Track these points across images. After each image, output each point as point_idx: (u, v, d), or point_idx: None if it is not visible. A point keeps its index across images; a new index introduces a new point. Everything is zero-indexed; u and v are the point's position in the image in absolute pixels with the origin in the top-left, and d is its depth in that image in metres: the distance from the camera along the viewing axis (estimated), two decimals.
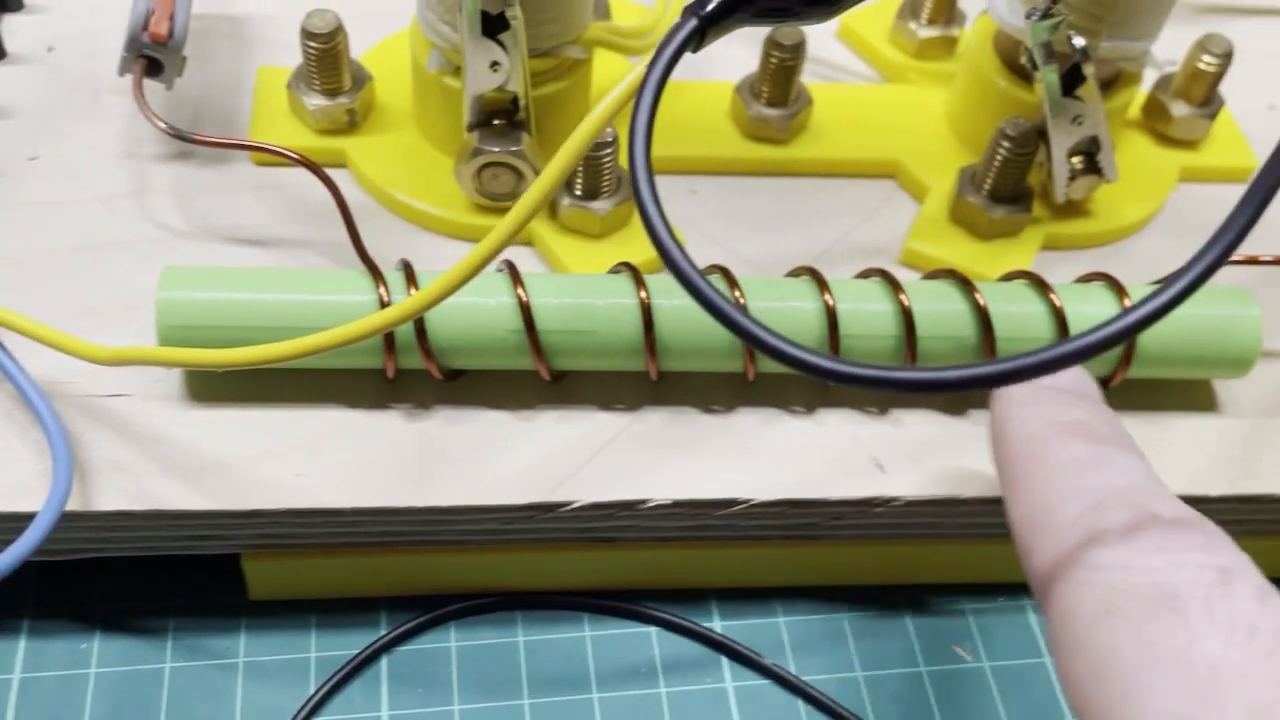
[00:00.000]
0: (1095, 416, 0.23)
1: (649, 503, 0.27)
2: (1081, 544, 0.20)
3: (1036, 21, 0.29)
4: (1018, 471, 0.22)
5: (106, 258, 0.30)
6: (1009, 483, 0.22)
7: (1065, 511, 0.20)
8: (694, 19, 0.22)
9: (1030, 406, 0.23)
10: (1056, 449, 0.22)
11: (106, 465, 0.26)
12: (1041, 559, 0.20)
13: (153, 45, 0.30)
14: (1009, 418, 0.23)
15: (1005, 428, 0.23)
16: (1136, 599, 0.18)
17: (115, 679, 0.28)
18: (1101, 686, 0.18)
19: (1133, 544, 0.19)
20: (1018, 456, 0.22)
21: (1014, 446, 0.22)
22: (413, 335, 0.27)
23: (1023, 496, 0.22)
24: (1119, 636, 0.18)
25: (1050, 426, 0.22)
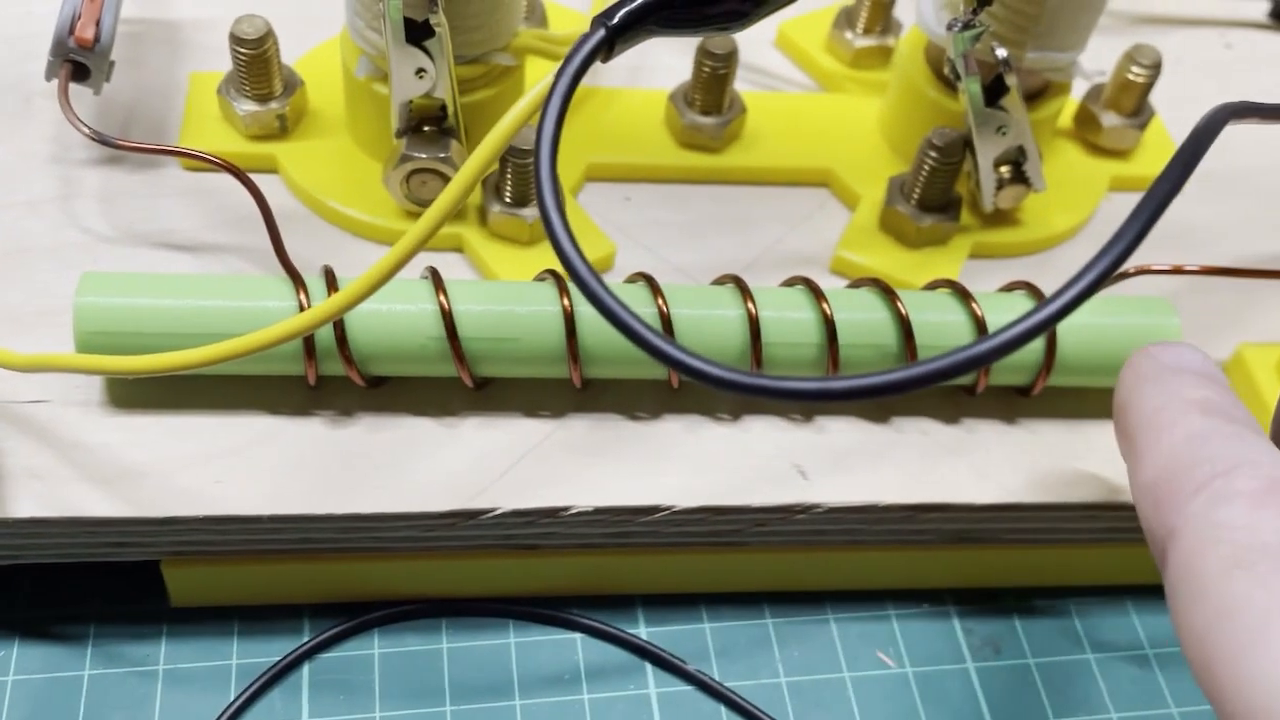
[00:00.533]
0: (1223, 397, 0.23)
1: (572, 510, 0.27)
2: (1210, 504, 0.20)
3: (958, 32, 0.29)
4: (1146, 439, 0.23)
5: (30, 263, 0.30)
6: (1136, 449, 0.23)
7: (1194, 475, 0.21)
8: (602, 29, 0.22)
9: (1160, 383, 0.24)
10: (1186, 420, 0.22)
11: (22, 472, 0.26)
12: (1166, 518, 0.21)
13: (79, 50, 0.30)
14: (1137, 390, 0.24)
15: (1133, 399, 0.24)
16: (1265, 554, 0.19)
17: (33, 686, 0.27)
18: (1224, 635, 0.19)
19: (1262, 507, 0.20)
20: (1146, 426, 0.23)
21: (1142, 417, 0.23)
22: (334, 341, 0.27)
23: (1149, 460, 0.22)
24: (1245, 587, 0.19)
25: (1180, 401, 0.23)
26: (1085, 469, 0.29)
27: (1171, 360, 0.24)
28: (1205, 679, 0.19)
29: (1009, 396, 0.30)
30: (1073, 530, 0.30)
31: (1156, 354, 0.24)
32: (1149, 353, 0.24)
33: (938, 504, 0.28)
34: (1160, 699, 0.30)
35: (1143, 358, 0.24)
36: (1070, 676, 0.30)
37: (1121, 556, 0.31)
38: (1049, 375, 0.29)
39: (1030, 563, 0.31)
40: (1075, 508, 0.29)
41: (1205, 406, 0.23)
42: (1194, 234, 0.35)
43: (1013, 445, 0.30)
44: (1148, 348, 0.24)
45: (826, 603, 0.31)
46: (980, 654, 0.30)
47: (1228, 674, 0.18)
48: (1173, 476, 0.21)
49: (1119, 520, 0.30)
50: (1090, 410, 0.30)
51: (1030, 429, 0.30)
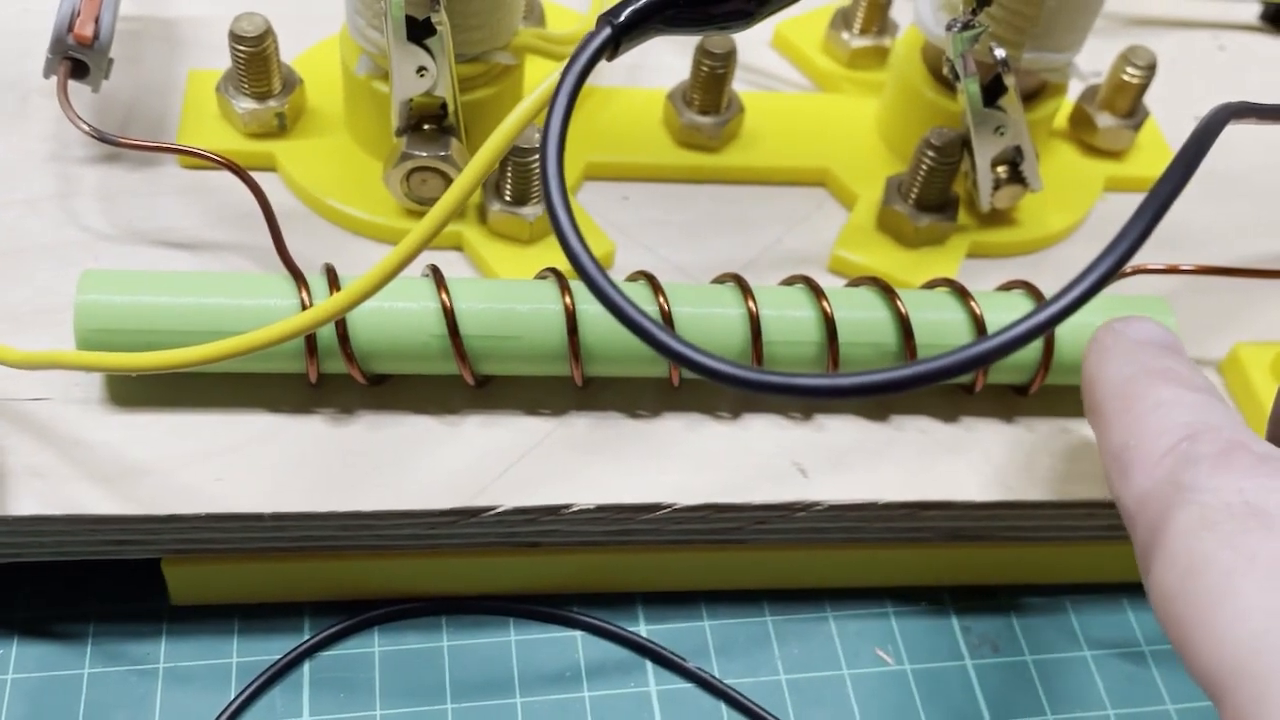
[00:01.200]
0: (1185, 368, 0.24)
1: (573, 507, 0.27)
2: (1176, 469, 0.21)
3: (957, 33, 0.29)
4: (1113, 409, 0.24)
5: (30, 261, 0.30)
6: (1103, 419, 0.24)
7: (1160, 442, 0.22)
8: (608, 27, 0.22)
9: (1124, 355, 0.24)
10: (1151, 390, 0.23)
11: (23, 470, 0.26)
12: (1135, 484, 0.22)
13: (77, 47, 0.30)
14: (1104, 364, 0.25)
15: (1100, 372, 0.24)
16: (1230, 515, 0.20)
17: (33, 685, 0.27)
18: (1192, 592, 0.19)
19: (1226, 470, 0.20)
20: (1113, 396, 0.24)
21: (1109, 388, 0.24)
22: (336, 340, 0.27)
23: (1117, 429, 0.23)
24: (1211, 546, 0.19)
25: (1145, 371, 0.24)
26: (1082, 467, 0.30)
27: (1135, 334, 0.25)
28: (1176, 636, 0.20)
29: (1006, 395, 0.30)
30: (1069, 528, 0.30)
31: (1121, 329, 0.25)
32: (1113, 328, 0.25)
33: (937, 502, 0.28)
34: (1156, 695, 0.30)
35: (1107, 333, 0.25)
36: (1067, 673, 0.30)
37: (1117, 554, 0.31)
38: (1046, 374, 0.29)
39: (1027, 560, 0.31)
40: (1072, 505, 0.29)
41: (1169, 376, 0.23)
42: (1189, 234, 0.35)
43: (1011, 443, 0.30)
44: (1111, 323, 0.25)
45: (825, 600, 0.31)
46: (978, 651, 0.31)
47: (1197, 631, 0.19)
48: (1140, 443, 0.22)
49: (1115, 518, 0.29)
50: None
51: (1028, 427, 0.30)
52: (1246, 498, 0.20)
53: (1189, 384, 0.23)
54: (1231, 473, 0.20)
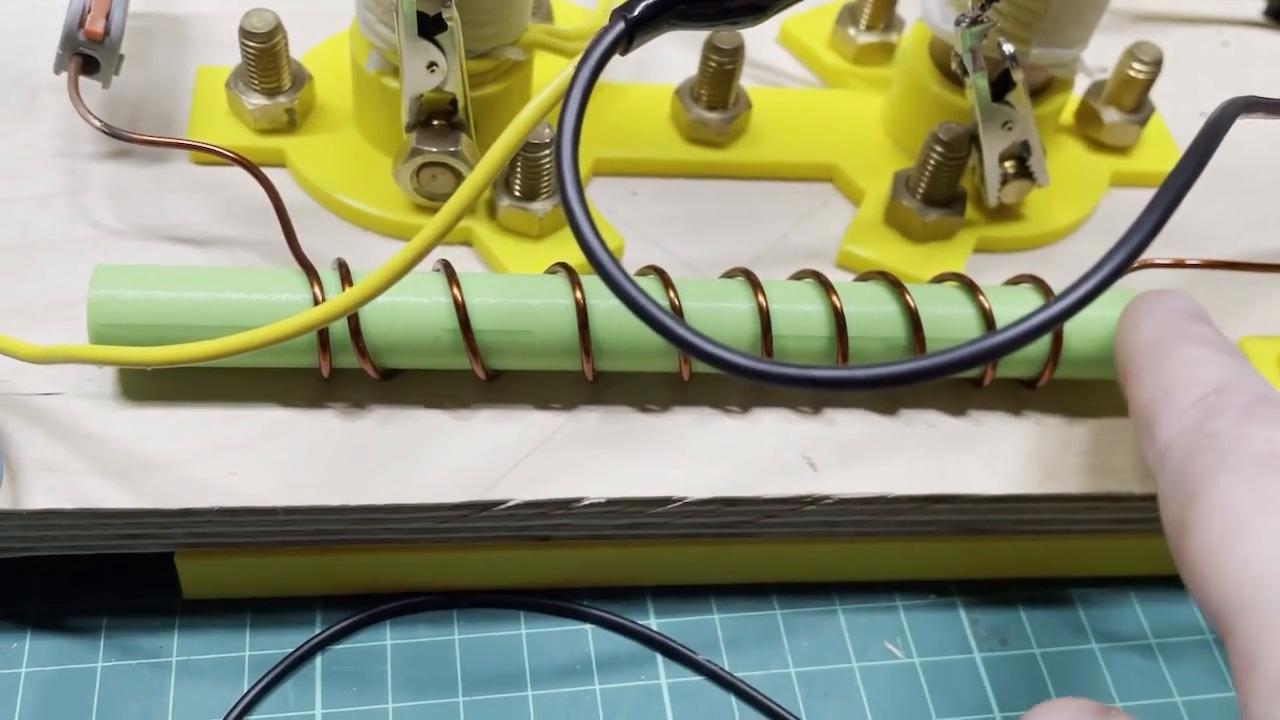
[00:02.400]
0: (1215, 333, 0.25)
1: (584, 501, 0.28)
2: (1202, 418, 0.22)
3: (966, 28, 0.29)
4: (1144, 364, 0.25)
5: (41, 257, 0.30)
6: (1134, 374, 0.25)
7: (1189, 394, 0.23)
8: (621, 21, 0.22)
9: (1157, 319, 0.26)
10: (1182, 349, 0.24)
11: (37, 464, 0.26)
12: (1163, 432, 0.23)
13: (88, 43, 0.30)
14: (1136, 326, 0.26)
15: (1133, 334, 0.26)
16: (1252, 461, 0.21)
17: (46, 678, 0.28)
18: (1209, 529, 0.20)
19: (1252, 421, 0.21)
20: (1145, 353, 0.25)
21: (1141, 348, 0.25)
22: (348, 334, 0.27)
23: (1149, 383, 0.24)
24: (1233, 489, 0.20)
25: (1176, 334, 0.25)
26: (1091, 460, 0.30)
27: (1170, 303, 0.26)
28: (1191, 573, 0.20)
29: (1015, 389, 0.31)
30: (1078, 521, 0.30)
31: (1154, 298, 0.26)
32: (1147, 297, 0.27)
33: (946, 495, 0.29)
34: (1164, 688, 0.30)
35: (1141, 300, 0.27)
36: (1075, 666, 0.31)
37: (1125, 547, 0.32)
38: (1055, 368, 0.29)
39: (1035, 554, 0.32)
40: (1081, 499, 0.29)
41: (1200, 339, 0.25)
42: (1196, 229, 0.35)
43: (1019, 437, 0.30)
44: (1145, 294, 0.27)
45: (834, 594, 0.31)
46: (986, 644, 0.31)
47: (1212, 565, 0.20)
48: (1169, 394, 0.23)
49: (1123, 511, 0.30)
50: (1095, 402, 0.31)
51: (1037, 421, 0.30)
52: (1273, 447, 0.21)
53: (1219, 346, 0.24)
54: (1257, 423, 0.21)
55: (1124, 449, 0.30)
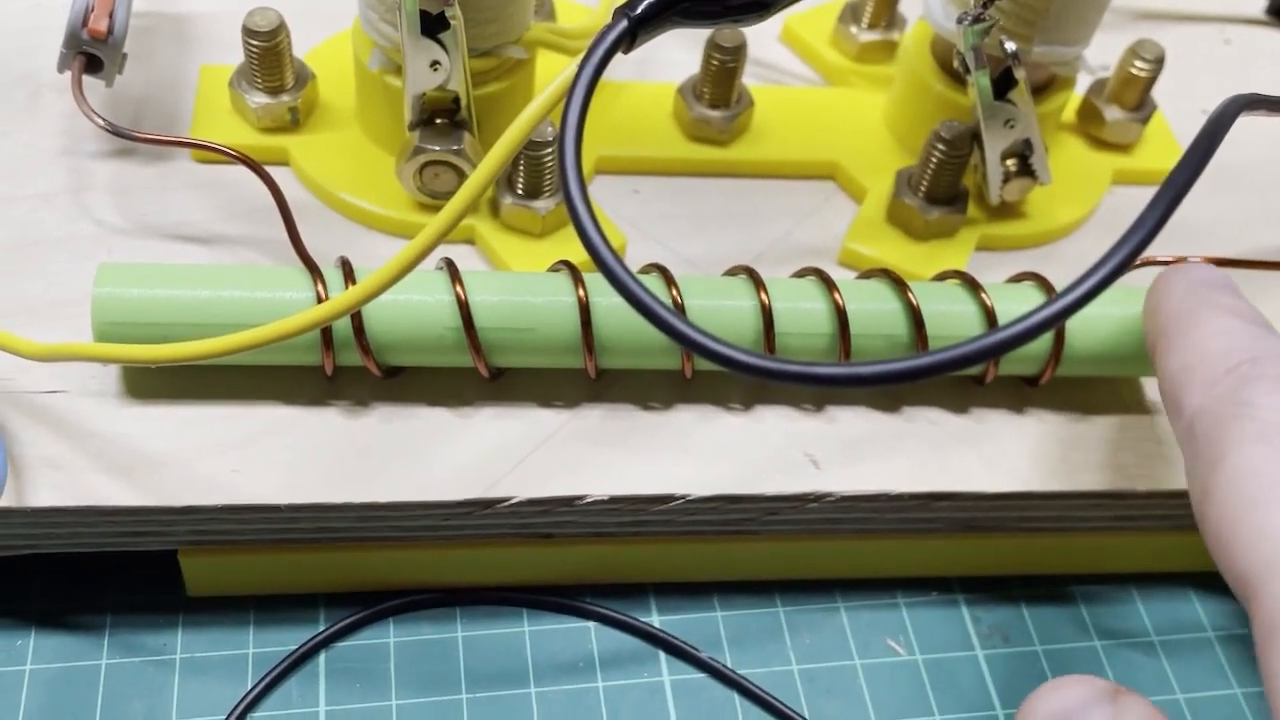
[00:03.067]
0: (1247, 306, 0.25)
1: (586, 499, 0.28)
2: (1237, 385, 0.22)
3: (968, 26, 0.29)
4: (1175, 331, 0.24)
5: (44, 255, 0.30)
6: (1165, 342, 0.25)
7: (1221, 362, 0.23)
8: (624, 20, 0.22)
9: (1188, 288, 0.25)
10: (1213, 318, 0.24)
11: (41, 461, 0.26)
12: (1194, 399, 0.23)
13: (92, 42, 0.30)
14: (1168, 294, 0.26)
15: (1164, 302, 0.26)
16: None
17: (51, 675, 0.28)
18: (1238, 494, 0.20)
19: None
20: (1175, 322, 0.25)
21: (1172, 315, 0.25)
22: (351, 332, 0.27)
23: (1179, 350, 0.24)
24: (1264, 456, 0.20)
25: (1207, 303, 0.25)
26: (1093, 457, 0.30)
27: (1200, 274, 0.26)
28: (1216, 540, 0.20)
29: (1017, 387, 0.31)
30: (1080, 519, 0.30)
31: (1186, 269, 0.26)
32: (1178, 268, 0.26)
33: (949, 493, 0.29)
34: (1166, 685, 0.30)
35: (1172, 271, 0.26)
36: (1077, 663, 0.31)
37: (1128, 545, 0.32)
38: (1057, 365, 0.29)
39: (1038, 551, 0.32)
40: (1083, 496, 0.29)
41: (1232, 309, 0.25)
42: (1197, 227, 0.35)
43: (1022, 434, 0.30)
44: (1175, 265, 0.27)
45: (836, 591, 0.31)
46: (989, 641, 0.31)
47: (1239, 531, 0.20)
48: (1201, 362, 0.23)
49: (1126, 508, 0.30)
50: (1097, 399, 0.31)
51: (1039, 418, 0.30)
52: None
53: (1250, 318, 0.24)
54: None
55: (1127, 446, 0.30)
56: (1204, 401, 0.22)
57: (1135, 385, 0.31)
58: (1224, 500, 0.20)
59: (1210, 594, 0.32)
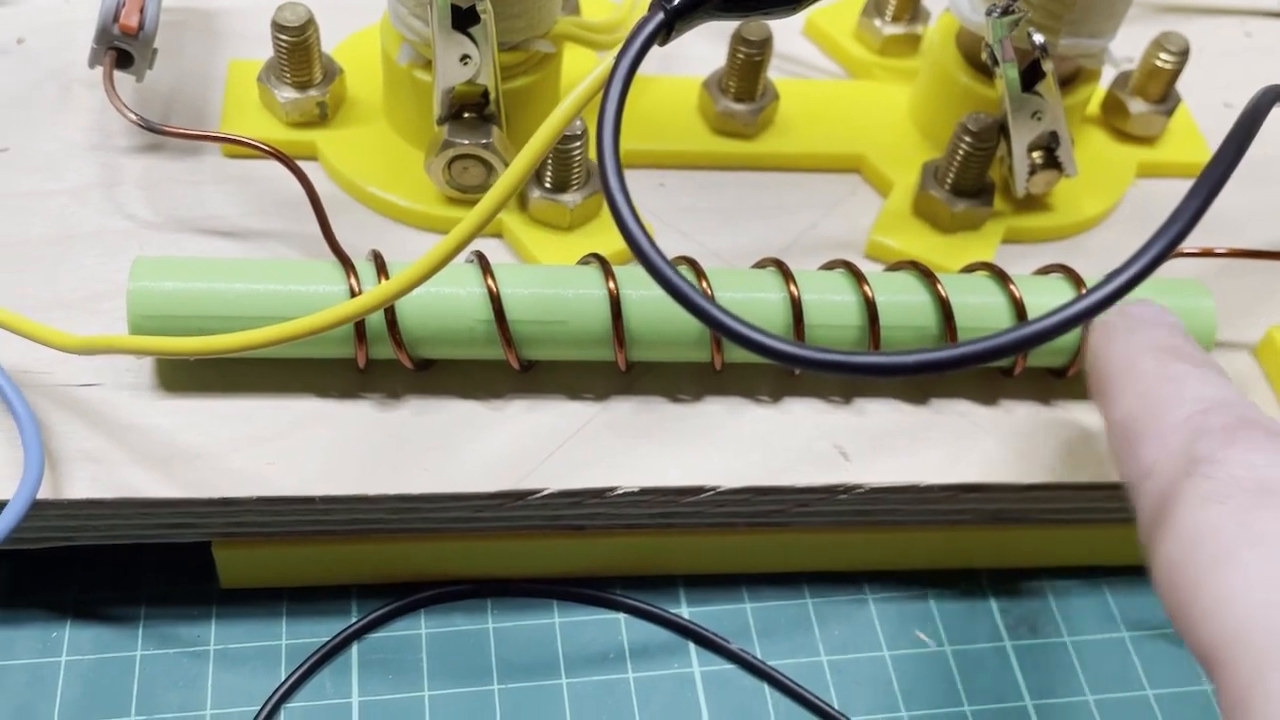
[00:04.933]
0: (1190, 346, 0.24)
1: (617, 490, 0.28)
2: (1187, 442, 0.21)
3: (996, 18, 0.29)
4: (1120, 382, 0.23)
5: (77, 249, 0.30)
6: (1109, 392, 0.24)
7: (1172, 415, 0.22)
8: (661, 12, 0.22)
9: (1130, 332, 0.24)
10: (1158, 365, 0.23)
11: (77, 454, 0.27)
12: (1146, 454, 0.22)
13: (123, 37, 0.30)
14: (1110, 340, 0.25)
15: (1109, 348, 0.25)
16: (1240, 489, 0.20)
17: (86, 667, 0.28)
18: (1193, 559, 0.19)
19: (1236, 445, 0.20)
20: (1121, 370, 0.24)
21: (1116, 363, 0.24)
22: (384, 325, 0.27)
23: (1124, 402, 0.23)
24: (1220, 518, 0.19)
25: (1154, 348, 0.24)
26: None
27: (1139, 314, 0.25)
28: (1175, 606, 0.20)
29: (1044, 379, 0.31)
30: (1107, 510, 0.30)
31: (1125, 310, 0.25)
32: (1119, 308, 0.25)
33: (977, 484, 0.29)
34: (1195, 675, 0.30)
35: (1113, 313, 0.25)
36: (1105, 654, 0.31)
37: None
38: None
39: (1065, 542, 0.32)
40: (1110, 487, 0.29)
41: (1178, 353, 0.24)
42: (1223, 218, 0.35)
43: (1049, 426, 0.30)
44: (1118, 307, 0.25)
45: (865, 583, 0.31)
46: (1016, 633, 0.31)
47: (1199, 598, 0.19)
48: (1148, 413, 0.22)
49: None
50: None
51: (1066, 410, 0.30)
52: (1258, 474, 0.20)
53: (1198, 361, 0.24)
54: (1242, 448, 0.20)
55: None
56: (1156, 455, 0.21)
57: None
58: (1180, 563, 0.20)
59: None
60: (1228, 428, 0.21)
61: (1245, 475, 0.20)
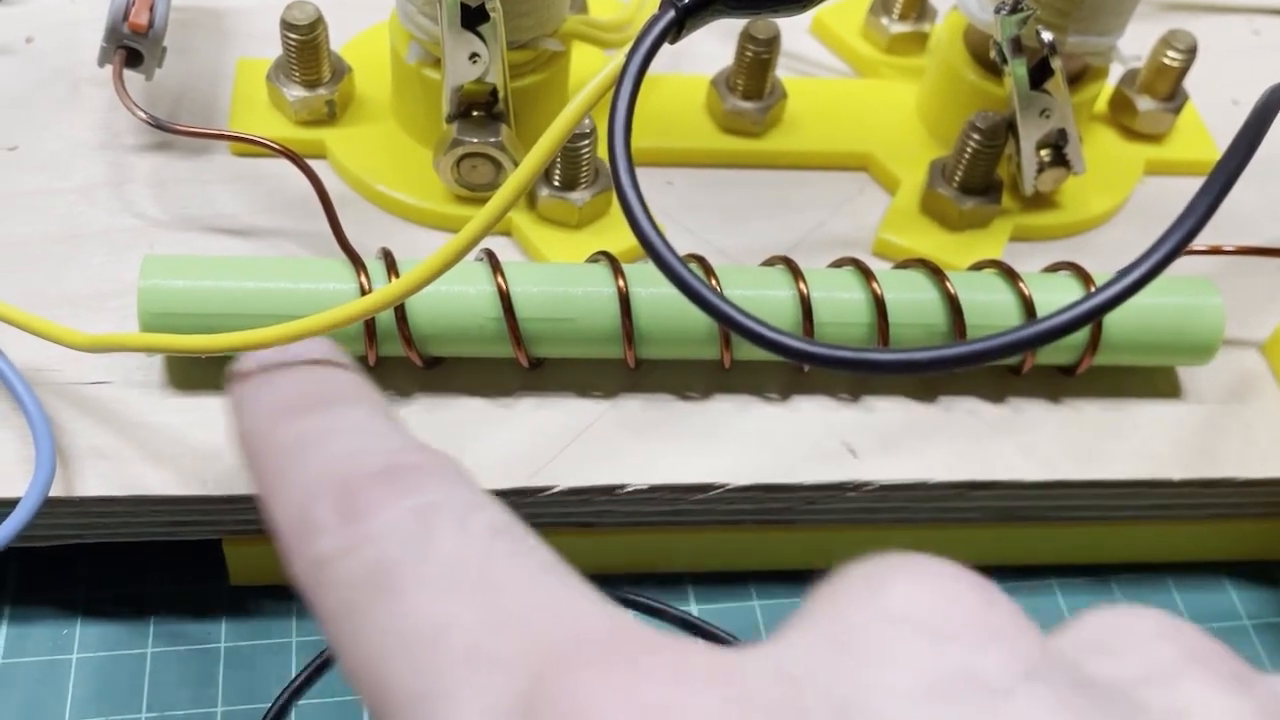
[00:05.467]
0: (315, 379, 0.21)
1: (626, 488, 0.28)
2: (303, 539, 0.18)
3: (1005, 16, 0.29)
4: (252, 472, 0.20)
5: (86, 248, 0.30)
6: (254, 484, 0.20)
7: (290, 507, 0.18)
8: (672, 10, 0.22)
9: (252, 401, 0.21)
10: (278, 439, 0.19)
11: (88, 451, 0.27)
12: (289, 565, 0.18)
13: (132, 36, 0.30)
14: (237, 418, 0.21)
15: (238, 429, 0.21)
16: (359, 588, 0.16)
17: (97, 664, 0.28)
18: (362, 689, 0.16)
19: (347, 525, 0.17)
20: (251, 456, 0.20)
21: (247, 447, 0.20)
22: (394, 323, 0.27)
23: (261, 495, 0.19)
24: (359, 638, 0.16)
25: (270, 414, 0.20)
26: (1129, 446, 0.30)
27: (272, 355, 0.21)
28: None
29: (1053, 376, 0.31)
30: (1116, 508, 0.30)
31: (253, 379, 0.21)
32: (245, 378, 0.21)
33: (986, 482, 0.29)
34: None
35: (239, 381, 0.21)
36: None
37: (1163, 534, 0.32)
38: (1095, 354, 0.29)
39: (1074, 541, 0.32)
40: (1120, 485, 0.29)
41: (296, 406, 0.20)
42: (1231, 216, 0.35)
43: (1058, 423, 0.30)
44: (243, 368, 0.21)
45: None
46: None
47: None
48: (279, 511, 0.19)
49: (1161, 498, 0.30)
50: (1133, 388, 0.31)
51: (1075, 407, 0.30)
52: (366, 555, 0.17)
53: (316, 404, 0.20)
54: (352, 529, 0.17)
55: (1162, 435, 0.30)
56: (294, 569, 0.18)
57: (1170, 374, 0.31)
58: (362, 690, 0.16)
59: (1246, 583, 0.32)
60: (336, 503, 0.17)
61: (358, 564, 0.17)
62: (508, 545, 0.17)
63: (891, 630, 0.14)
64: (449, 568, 0.16)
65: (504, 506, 0.18)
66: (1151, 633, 0.16)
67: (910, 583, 0.15)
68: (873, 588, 0.15)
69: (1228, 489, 0.30)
